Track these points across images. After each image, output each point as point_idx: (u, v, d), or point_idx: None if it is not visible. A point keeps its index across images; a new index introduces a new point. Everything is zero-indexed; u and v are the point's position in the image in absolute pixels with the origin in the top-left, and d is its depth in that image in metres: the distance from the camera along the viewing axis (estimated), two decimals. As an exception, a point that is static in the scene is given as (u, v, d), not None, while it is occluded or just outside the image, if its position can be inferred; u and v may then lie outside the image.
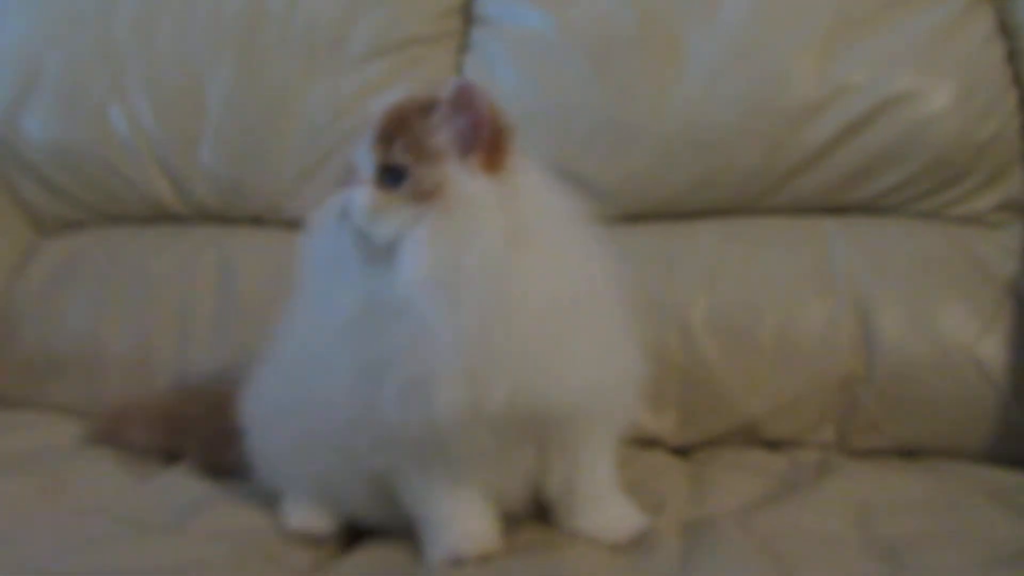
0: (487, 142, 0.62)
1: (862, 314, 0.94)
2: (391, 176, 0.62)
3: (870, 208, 1.01)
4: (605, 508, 0.70)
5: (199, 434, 0.87)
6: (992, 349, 0.92)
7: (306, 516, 0.75)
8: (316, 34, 1.13)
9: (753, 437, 0.94)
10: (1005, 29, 1.01)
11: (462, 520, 0.66)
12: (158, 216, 1.17)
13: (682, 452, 0.95)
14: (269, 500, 0.77)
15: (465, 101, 0.62)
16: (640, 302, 0.95)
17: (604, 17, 1.05)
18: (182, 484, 0.80)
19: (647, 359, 0.71)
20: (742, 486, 0.80)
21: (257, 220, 1.14)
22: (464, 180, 0.61)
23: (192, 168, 1.13)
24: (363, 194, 0.62)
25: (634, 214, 1.06)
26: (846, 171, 1.00)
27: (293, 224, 1.11)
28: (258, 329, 0.79)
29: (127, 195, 1.16)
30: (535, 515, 0.72)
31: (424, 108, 0.63)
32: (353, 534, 0.75)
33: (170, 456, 0.90)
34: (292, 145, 1.12)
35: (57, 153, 1.16)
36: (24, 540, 0.64)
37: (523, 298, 0.60)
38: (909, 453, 0.92)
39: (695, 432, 0.95)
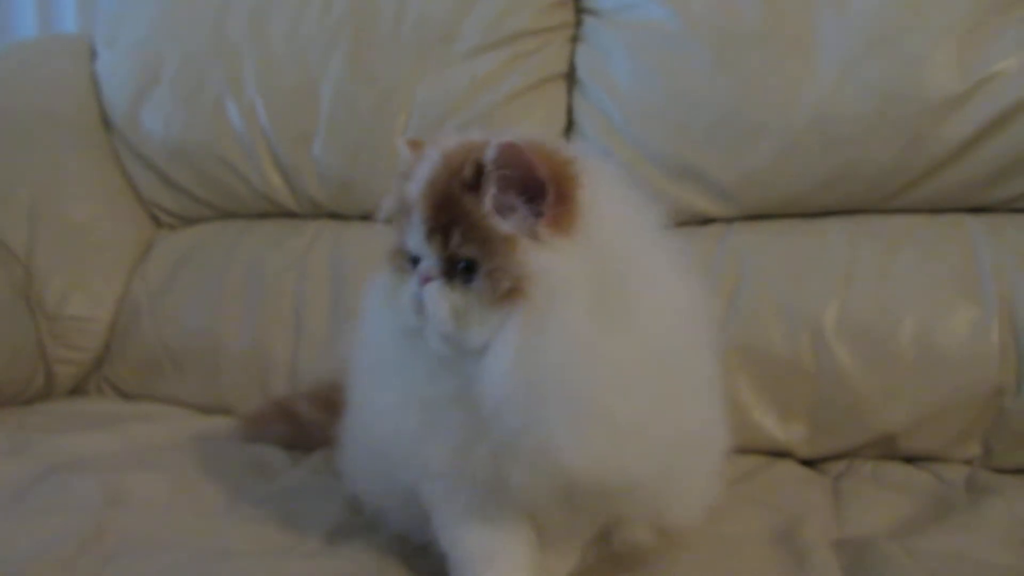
0: (553, 201, 0.53)
1: (1012, 321, 0.88)
2: (460, 269, 0.54)
3: (1018, 207, 0.94)
4: None
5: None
6: None
7: None
8: (426, 29, 1.12)
9: (890, 451, 0.88)
10: None
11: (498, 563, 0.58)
12: (272, 212, 1.18)
13: (811, 464, 0.90)
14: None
15: (515, 162, 0.53)
16: (764, 309, 0.93)
17: (727, 7, 1.01)
18: (309, 486, 0.79)
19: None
20: (888, 504, 0.75)
21: (368, 217, 1.13)
22: (542, 259, 0.53)
23: (305, 164, 1.14)
24: (439, 296, 0.55)
25: (757, 212, 1.01)
26: (991, 167, 0.93)
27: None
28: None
29: (242, 191, 1.17)
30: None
31: (468, 181, 0.54)
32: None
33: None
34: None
35: (175, 150, 1.18)
36: (166, 544, 0.64)
37: (614, 391, 0.53)
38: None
39: (827, 443, 0.90)
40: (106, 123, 1.22)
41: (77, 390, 1.11)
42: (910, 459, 0.88)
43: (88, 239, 1.12)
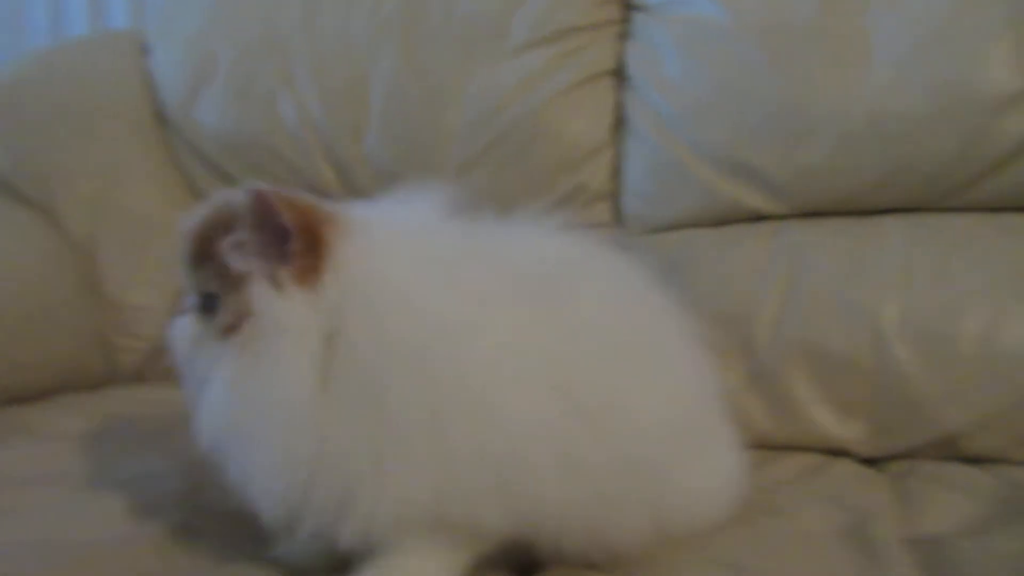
0: (300, 251, 0.54)
1: (1079, 322, 0.87)
2: (209, 304, 0.57)
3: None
4: None
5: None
6: None
7: None
8: (476, 24, 1.12)
9: (952, 451, 0.87)
10: None
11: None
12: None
13: (870, 463, 0.90)
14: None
15: (262, 207, 0.54)
16: (821, 307, 0.93)
17: (780, 3, 1.00)
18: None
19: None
20: (955, 505, 0.74)
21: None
22: (270, 300, 0.54)
23: (356, 158, 1.14)
24: (182, 326, 0.59)
25: (810, 210, 1.01)
26: (1051, 166, 0.92)
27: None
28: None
29: (294, 184, 1.17)
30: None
31: (227, 224, 0.56)
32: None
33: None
34: (453, 137, 1.11)
35: (228, 144, 1.19)
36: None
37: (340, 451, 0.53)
38: None
39: (887, 442, 0.89)
40: (161, 118, 1.23)
41: (139, 377, 1.12)
42: (973, 460, 0.87)
43: (146, 230, 1.13)
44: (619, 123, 1.11)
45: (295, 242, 0.54)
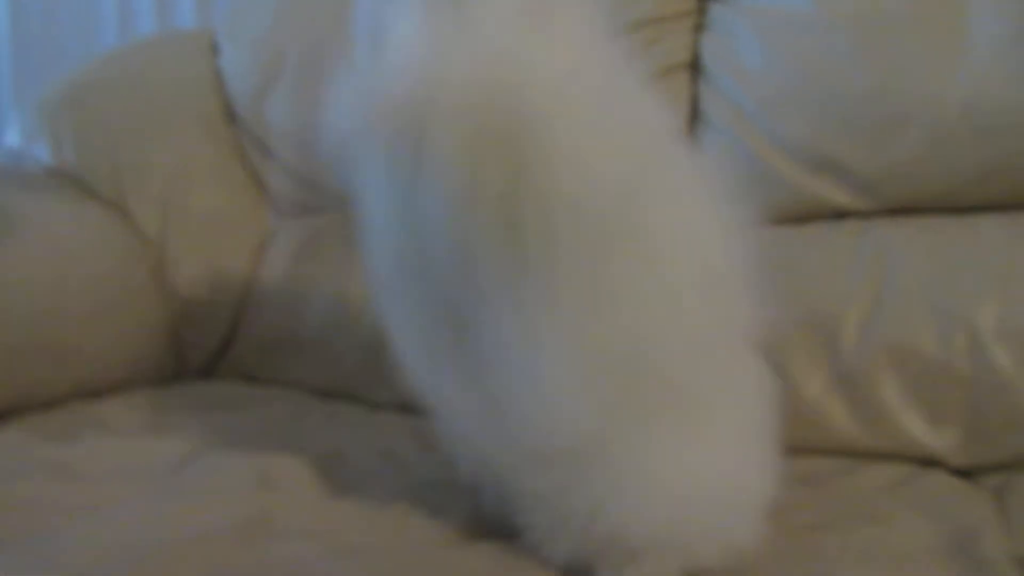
0: None
1: None
2: None
3: None
4: None
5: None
6: None
7: None
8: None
9: (1056, 463, 0.82)
10: None
11: None
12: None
13: (964, 474, 0.85)
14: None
15: None
16: (913, 309, 0.88)
17: (870, -9, 0.96)
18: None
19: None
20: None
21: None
22: None
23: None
24: None
25: (900, 207, 0.96)
26: None
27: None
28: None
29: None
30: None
31: None
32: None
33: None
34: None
35: (298, 141, 1.18)
36: (314, 532, 0.64)
37: None
38: None
39: (982, 452, 0.84)
40: (230, 115, 1.24)
41: (206, 372, 1.13)
42: (1077, 474, 0.81)
43: (216, 226, 1.14)
44: (694, 117, 1.07)
45: None
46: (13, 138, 1.18)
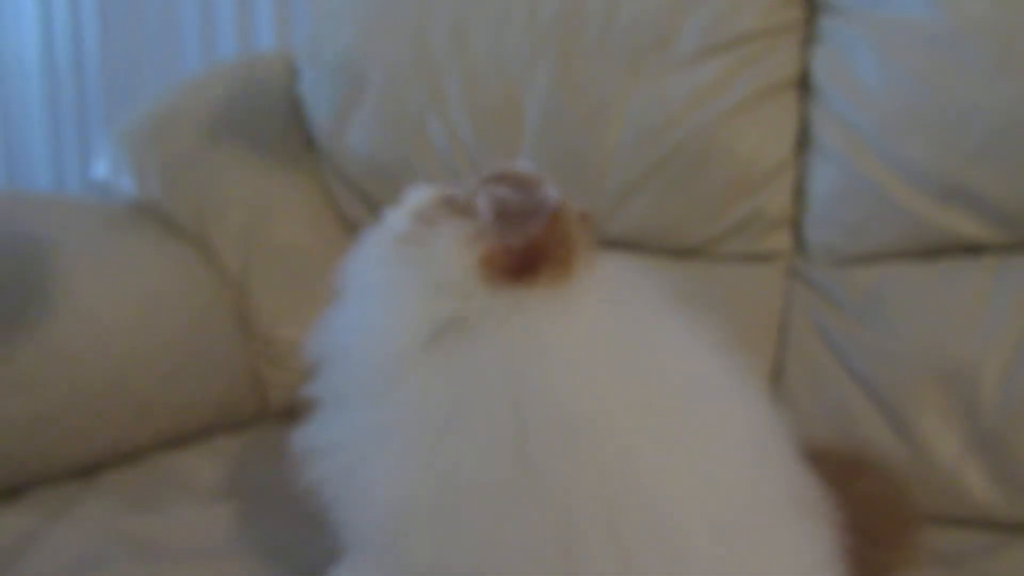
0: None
1: None
2: None
3: None
4: None
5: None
6: None
7: None
8: (640, 34, 1.03)
9: None
10: None
11: None
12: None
13: None
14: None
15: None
16: None
17: (1014, 3, 0.86)
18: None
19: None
20: None
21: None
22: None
23: (510, 182, 1.08)
24: None
25: (1043, 241, 0.86)
26: None
27: (614, 243, 1.05)
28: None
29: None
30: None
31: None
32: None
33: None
34: (614, 156, 1.03)
35: (376, 167, 1.15)
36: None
37: None
38: None
39: None
40: (310, 143, 1.21)
41: (289, 412, 1.10)
42: None
43: (297, 259, 1.11)
44: (803, 139, 1.00)
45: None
46: (101, 168, 1.18)
